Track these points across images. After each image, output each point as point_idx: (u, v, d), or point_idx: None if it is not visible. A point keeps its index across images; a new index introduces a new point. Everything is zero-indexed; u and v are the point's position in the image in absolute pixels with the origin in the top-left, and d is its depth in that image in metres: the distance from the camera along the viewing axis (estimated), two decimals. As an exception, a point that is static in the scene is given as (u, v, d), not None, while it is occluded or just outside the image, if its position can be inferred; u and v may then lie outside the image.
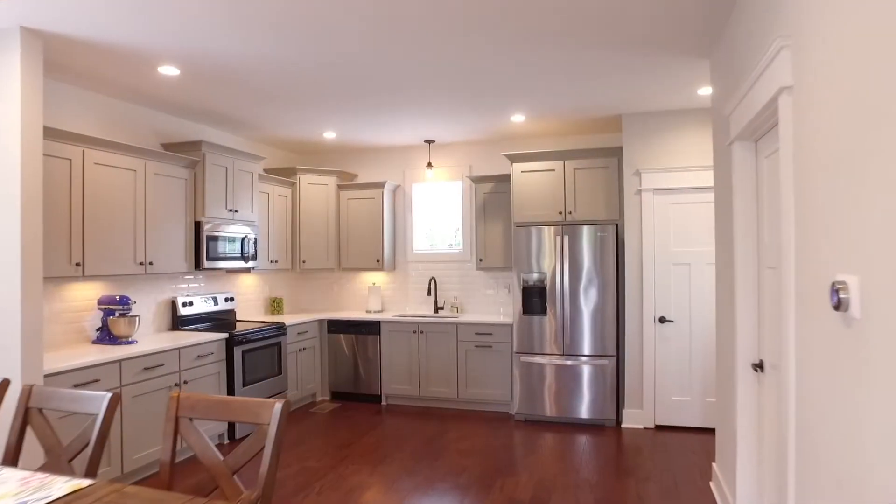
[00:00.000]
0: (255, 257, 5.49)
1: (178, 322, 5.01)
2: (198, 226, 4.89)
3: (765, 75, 2.16)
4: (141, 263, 4.38)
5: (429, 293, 6.30)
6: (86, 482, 1.79)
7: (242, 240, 5.32)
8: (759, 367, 2.78)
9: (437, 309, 6.40)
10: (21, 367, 3.21)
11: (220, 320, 5.48)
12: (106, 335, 4.28)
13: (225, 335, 4.79)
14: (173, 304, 5.03)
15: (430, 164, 6.29)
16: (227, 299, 5.58)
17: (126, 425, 3.88)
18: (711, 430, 4.96)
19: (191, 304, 5.11)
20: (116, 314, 4.28)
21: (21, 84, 3.23)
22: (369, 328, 6.09)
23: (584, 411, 5.25)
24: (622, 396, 5.29)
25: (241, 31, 3.28)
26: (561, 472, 4.14)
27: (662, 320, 5.05)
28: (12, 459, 2.18)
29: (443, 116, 5.27)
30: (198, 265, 4.88)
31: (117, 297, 4.27)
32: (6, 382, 2.37)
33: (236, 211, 5.28)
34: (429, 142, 6.34)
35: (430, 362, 5.90)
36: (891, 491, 1.25)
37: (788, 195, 1.95)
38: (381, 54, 3.67)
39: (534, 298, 5.40)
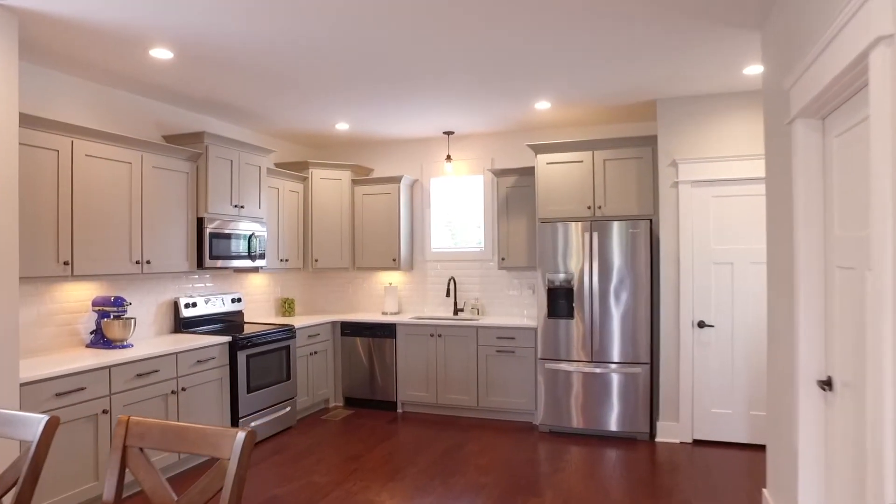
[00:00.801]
0: (263, 256, 5.19)
1: (181, 324, 4.73)
2: (200, 222, 4.60)
3: (848, 29, 1.74)
4: (137, 262, 4.10)
5: (448, 294, 5.93)
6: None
7: (249, 237, 5.02)
8: (826, 384, 2.35)
9: (456, 311, 6.03)
10: (-5, 376, 2.94)
11: (227, 322, 5.19)
12: (100, 339, 4.01)
13: (228, 338, 4.49)
14: (175, 305, 4.75)
15: (449, 157, 5.92)
16: (234, 300, 5.29)
17: (116, 437, 3.59)
18: (757, 447, 4.50)
19: (194, 305, 4.83)
20: (111, 316, 4.01)
21: (-5, 66, 2.95)
22: (384, 331, 5.75)
23: (614, 423, 4.83)
24: (656, 408, 4.86)
25: (239, 8, 2.95)
26: (590, 492, 3.74)
27: (701, 325, 4.61)
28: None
29: (463, 105, 4.90)
30: (200, 264, 4.59)
31: (112, 299, 4.00)
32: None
33: (242, 207, 4.98)
34: (448, 133, 5.97)
35: (448, 368, 5.53)
36: None
37: (884, 175, 1.54)
38: (397, 35, 3.32)
39: (560, 300, 5.00)
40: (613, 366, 4.83)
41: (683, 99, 4.66)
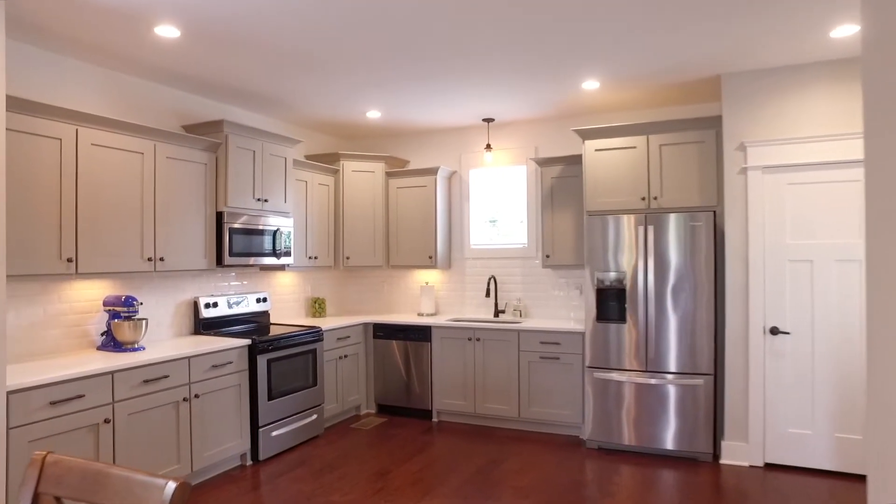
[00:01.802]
0: (289, 253, 4.87)
1: (201, 326, 4.46)
2: (219, 217, 4.31)
3: None
4: (149, 259, 3.83)
5: (488, 294, 5.49)
6: None
7: (274, 233, 4.72)
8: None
9: (497, 312, 5.58)
10: (-21, 383, 2.68)
11: (252, 323, 4.90)
12: (110, 341, 3.76)
13: (246, 342, 4.18)
14: (195, 305, 4.48)
15: (488, 146, 5.48)
16: (259, 300, 5.00)
17: (119, 448, 3.31)
18: (846, 477, 3.88)
19: (215, 305, 4.55)
20: (122, 317, 3.75)
21: (-21, 44, 2.70)
22: (419, 333, 5.36)
23: (671, 441, 4.29)
24: (720, 425, 4.29)
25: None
26: (644, 526, 3.24)
27: (775, 332, 4.02)
28: None
29: (503, 88, 4.45)
30: (220, 261, 4.30)
31: (122, 298, 3.74)
32: None
33: (266, 200, 4.68)
34: (487, 120, 5.53)
35: (487, 374, 5.09)
36: None
37: None
38: (429, 8, 2.91)
39: (610, 302, 4.49)
40: (671, 376, 4.29)
41: (754, 72, 4.07)
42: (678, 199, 4.41)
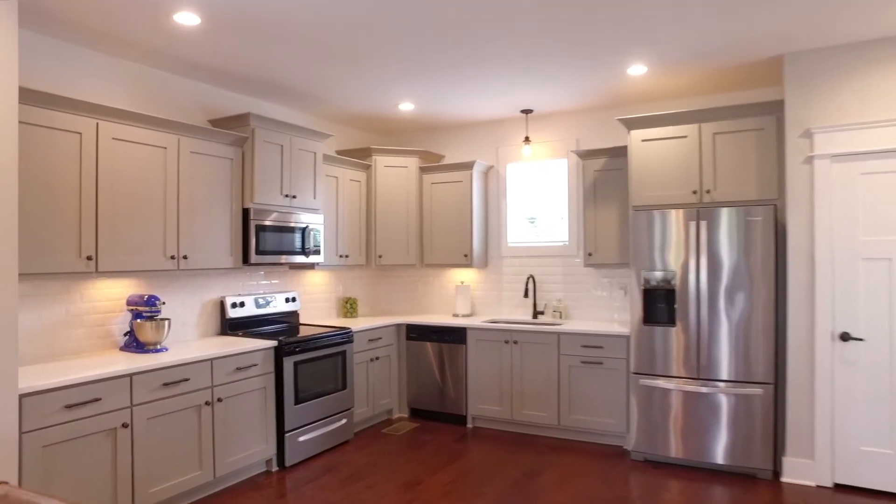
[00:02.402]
0: (318, 251, 4.70)
1: (227, 326, 4.33)
2: (246, 214, 4.17)
3: None
4: (172, 258, 3.70)
5: (526, 294, 5.22)
6: None
7: (303, 230, 4.55)
8: None
9: (535, 314, 5.30)
10: (-12, 386, 2.57)
11: (280, 324, 4.76)
12: (133, 341, 3.65)
13: (272, 343, 4.02)
14: (222, 305, 4.35)
15: (527, 139, 5.20)
16: (288, 300, 4.85)
17: (138, 454, 3.18)
18: (924, 498, 3.48)
19: (242, 304, 4.42)
20: (144, 317, 3.63)
21: (-11, 33, 2.58)
22: (454, 335, 5.12)
23: (723, 455, 3.94)
24: (781, 439, 3.92)
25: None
26: (698, 552, 2.93)
27: (845, 338, 3.63)
28: None
29: (543, 76, 4.17)
30: (245, 260, 4.16)
31: (144, 298, 3.62)
32: None
33: (294, 197, 4.52)
34: (526, 112, 5.25)
35: (525, 379, 4.82)
36: None
37: None
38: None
39: (658, 304, 4.16)
40: (724, 385, 3.94)
41: (823, 50, 3.69)
42: (733, 192, 4.04)
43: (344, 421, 4.59)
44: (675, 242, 4.09)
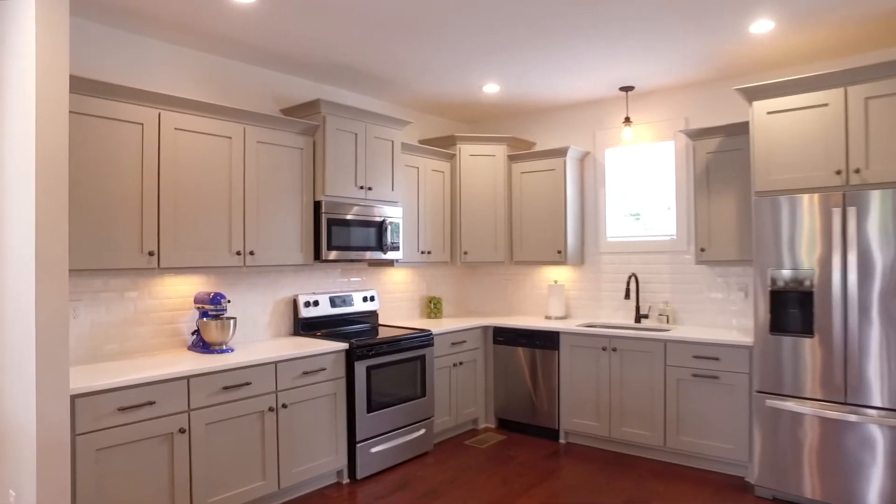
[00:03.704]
0: (397, 247, 4.39)
1: (300, 326, 4.12)
2: (317, 207, 3.92)
3: None
4: (238, 254, 3.52)
5: (627, 296, 4.62)
6: None
7: (380, 225, 4.26)
8: None
9: (638, 317, 4.69)
10: (35, 386, 2.45)
11: (357, 324, 4.49)
12: (199, 340, 3.50)
13: (343, 346, 3.74)
14: (294, 304, 4.15)
15: (627, 120, 4.61)
16: (366, 299, 4.58)
17: (196, 461, 3.00)
18: None
19: (315, 304, 4.19)
20: (209, 315, 3.47)
21: (36, 15, 2.46)
22: (545, 340, 4.63)
23: (879, 501, 3.17)
24: (960, 481, 3.10)
25: None
26: None
27: None
28: None
29: (645, 45, 3.61)
30: (317, 256, 3.92)
31: (210, 296, 3.46)
32: None
33: (370, 189, 4.23)
34: (626, 89, 4.65)
35: (625, 392, 4.24)
36: None
37: None
38: None
39: (789, 308, 3.45)
40: (879, 413, 3.17)
41: None
42: (892, 171, 3.25)
43: (423, 431, 4.24)
44: (812, 234, 3.37)
